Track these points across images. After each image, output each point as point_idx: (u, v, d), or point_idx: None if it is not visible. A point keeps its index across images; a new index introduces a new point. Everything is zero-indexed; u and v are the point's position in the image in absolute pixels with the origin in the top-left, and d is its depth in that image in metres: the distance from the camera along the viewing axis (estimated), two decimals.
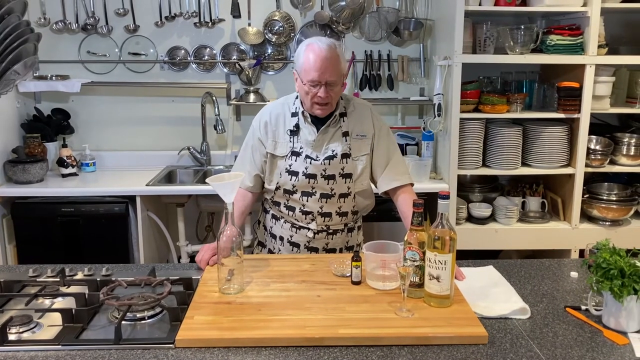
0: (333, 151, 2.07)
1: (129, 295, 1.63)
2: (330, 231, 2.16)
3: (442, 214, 1.60)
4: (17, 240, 3.01)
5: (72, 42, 3.45)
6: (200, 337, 1.46)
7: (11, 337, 1.48)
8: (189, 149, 3.50)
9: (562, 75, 3.15)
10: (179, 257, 3.35)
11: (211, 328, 1.50)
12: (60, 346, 1.44)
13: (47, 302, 1.69)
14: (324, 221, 2.13)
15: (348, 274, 1.81)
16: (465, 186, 3.32)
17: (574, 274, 1.91)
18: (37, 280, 1.82)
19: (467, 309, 1.61)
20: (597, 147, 3.15)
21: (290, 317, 1.56)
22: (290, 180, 2.09)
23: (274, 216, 2.22)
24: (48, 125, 3.39)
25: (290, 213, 2.14)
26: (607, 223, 3.17)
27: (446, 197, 1.60)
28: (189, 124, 3.54)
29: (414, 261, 1.64)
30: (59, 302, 1.69)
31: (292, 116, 2.11)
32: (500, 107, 3.07)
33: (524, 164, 3.21)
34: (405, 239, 1.67)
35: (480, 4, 3.02)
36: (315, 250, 2.17)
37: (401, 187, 2.12)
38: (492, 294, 1.73)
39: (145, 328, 1.54)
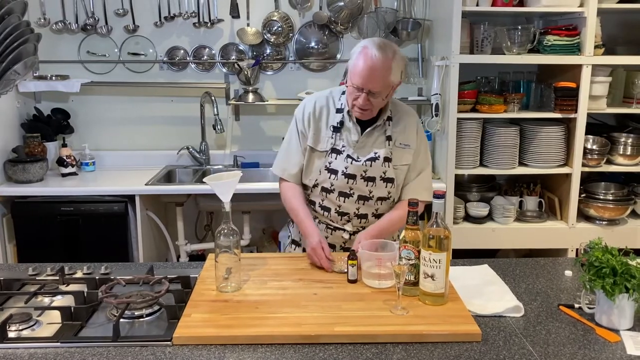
0: (376, 153, 2.02)
1: (127, 293, 1.65)
2: None
3: (436, 213, 1.61)
4: (17, 240, 3.03)
5: (72, 42, 3.46)
6: (197, 334, 1.48)
7: (11, 334, 1.50)
8: (188, 148, 3.52)
9: (559, 75, 3.16)
10: (178, 256, 3.37)
11: (208, 325, 1.52)
12: (59, 343, 1.46)
13: (46, 300, 1.71)
14: (359, 222, 2.09)
15: (345, 270, 1.83)
16: (462, 186, 3.33)
17: (568, 273, 1.93)
18: (37, 278, 1.84)
19: (461, 307, 1.63)
20: (594, 147, 3.16)
21: (287, 314, 1.58)
22: (329, 178, 2.04)
23: None
24: (48, 125, 3.41)
25: (325, 214, 2.10)
26: (603, 222, 3.19)
27: (440, 196, 1.62)
28: (188, 124, 3.56)
29: (409, 260, 1.66)
30: (58, 300, 1.71)
31: (337, 112, 2.06)
32: (497, 107, 3.09)
33: (521, 164, 3.23)
34: (401, 237, 1.69)
35: (477, 5, 3.03)
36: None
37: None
38: (487, 293, 1.75)
39: (143, 326, 1.56)
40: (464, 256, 2.08)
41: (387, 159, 2.03)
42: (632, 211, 3.24)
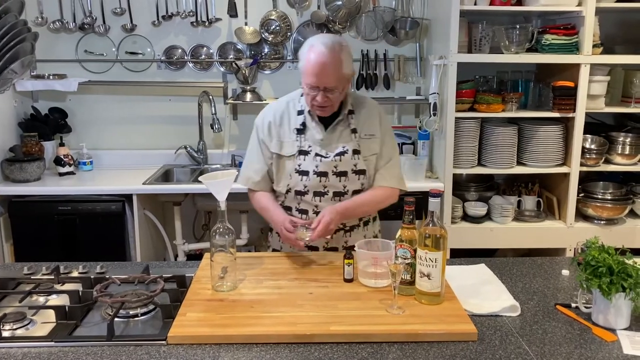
0: (344, 147, 2.03)
1: (122, 292, 1.64)
2: (347, 228, 2.11)
3: (432, 212, 1.61)
4: (14, 239, 3.02)
5: (70, 41, 3.45)
6: (192, 333, 1.48)
7: (5, 333, 1.49)
8: (185, 147, 3.51)
9: (558, 74, 3.16)
10: (176, 256, 3.36)
11: (203, 325, 1.52)
12: (53, 343, 1.45)
13: (41, 299, 1.71)
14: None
15: (306, 239, 1.89)
16: (460, 185, 3.32)
17: (565, 272, 1.93)
18: (32, 277, 1.84)
19: (457, 306, 1.62)
20: (592, 146, 3.16)
21: (282, 314, 1.57)
22: (301, 180, 2.04)
23: None
24: (45, 124, 3.40)
25: (304, 216, 2.08)
26: (602, 222, 3.18)
27: (437, 195, 1.62)
28: (185, 123, 3.55)
29: (405, 259, 1.65)
30: (53, 300, 1.70)
31: (298, 114, 2.06)
32: (495, 106, 3.08)
33: (519, 163, 3.22)
34: (397, 236, 1.68)
35: (475, 4, 3.02)
36: (335, 249, 2.11)
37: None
38: (483, 292, 1.75)
39: (138, 325, 1.56)
40: (462, 256, 2.08)
41: (355, 152, 2.04)
42: (631, 211, 3.23)
